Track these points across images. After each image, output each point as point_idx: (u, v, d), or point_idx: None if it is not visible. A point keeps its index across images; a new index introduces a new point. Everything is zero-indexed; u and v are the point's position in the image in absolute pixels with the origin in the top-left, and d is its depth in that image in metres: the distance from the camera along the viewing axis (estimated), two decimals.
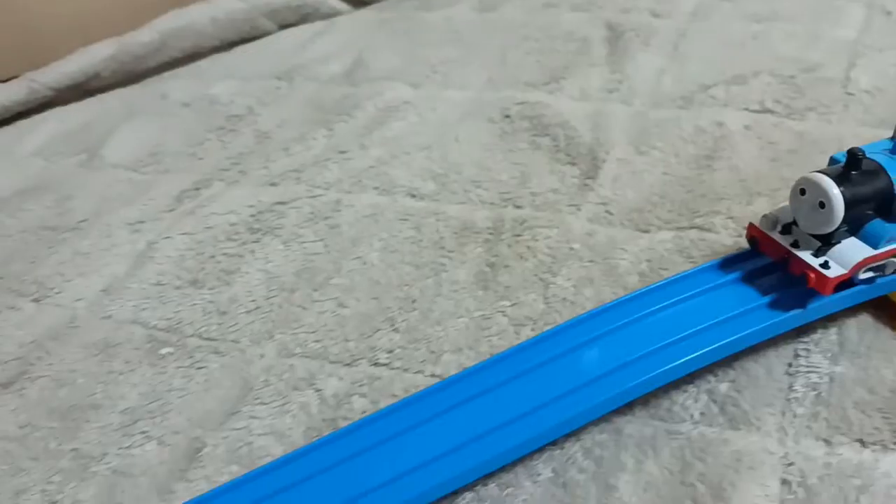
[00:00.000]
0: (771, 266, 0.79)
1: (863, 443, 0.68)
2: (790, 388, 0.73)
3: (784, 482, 0.66)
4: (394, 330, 0.84)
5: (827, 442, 0.69)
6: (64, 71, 1.30)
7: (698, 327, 0.74)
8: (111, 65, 1.33)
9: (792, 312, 0.74)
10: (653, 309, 0.77)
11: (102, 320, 0.91)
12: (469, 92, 1.22)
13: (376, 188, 1.05)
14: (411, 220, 0.99)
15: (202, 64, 1.40)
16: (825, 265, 0.73)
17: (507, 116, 1.14)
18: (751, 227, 0.79)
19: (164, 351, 0.86)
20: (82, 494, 0.73)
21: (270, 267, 0.95)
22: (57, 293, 0.95)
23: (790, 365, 0.75)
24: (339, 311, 0.88)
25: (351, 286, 0.91)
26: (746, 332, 0.73)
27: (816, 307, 0.75)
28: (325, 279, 0.92)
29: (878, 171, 0.75)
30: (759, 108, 1.10)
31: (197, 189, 1.09)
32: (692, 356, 0.72)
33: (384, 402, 0.77)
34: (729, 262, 0.81)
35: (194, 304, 0.91)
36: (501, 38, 1.36)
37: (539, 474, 0.69)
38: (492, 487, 0.69)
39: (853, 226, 0.75)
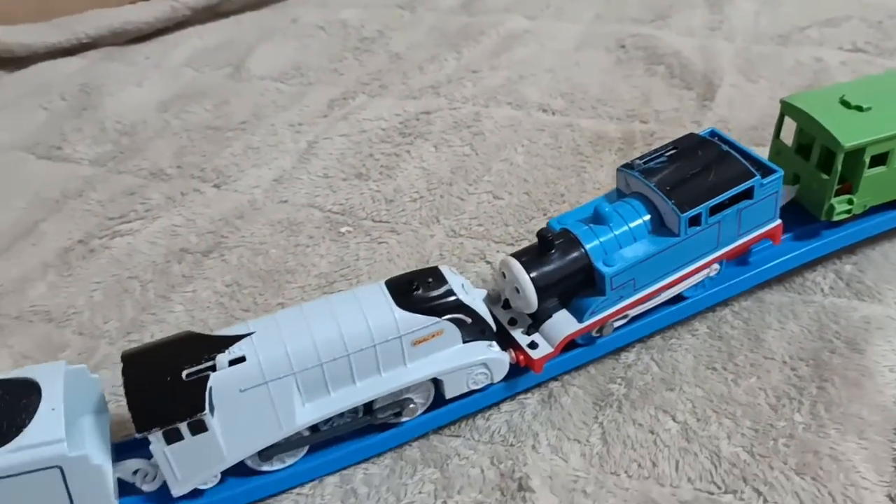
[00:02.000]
0: None
1: None
2: None
3: None
4: (547, 218, 0.96)
5: None
6: None
7: None
8: None
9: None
10: None
11: (280, 204, 1.03)
12: (581, 25, 1.33)
13: (510, 103, 1.16)
14: (547, 130, 1.10)
15: None
16: (532, 345, 0.74)
17: (623, 47, 1.26)
18: None
19: (343, 229, 0.98)
20: None
21: (426, 165, 1.06)
22: (234, 181, 1.07)
23: None
24: (495, 202, 1.00)
25: (502, 182, 1.02)
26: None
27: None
28: (478, 176, 1.04)
29: (575, 245, 0.74)
30: (852, 48, 1.22)
31: (345, 99, 1.20)
32: None
33: None
34: None
35: (363, 193, 1.03)
36: None
37: (697, 330, 0.82)
38: (657, 339, 0.81)
39: (563, 299, 0.75)
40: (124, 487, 0.69)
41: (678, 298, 0.80)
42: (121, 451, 0.70)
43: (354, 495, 0.71)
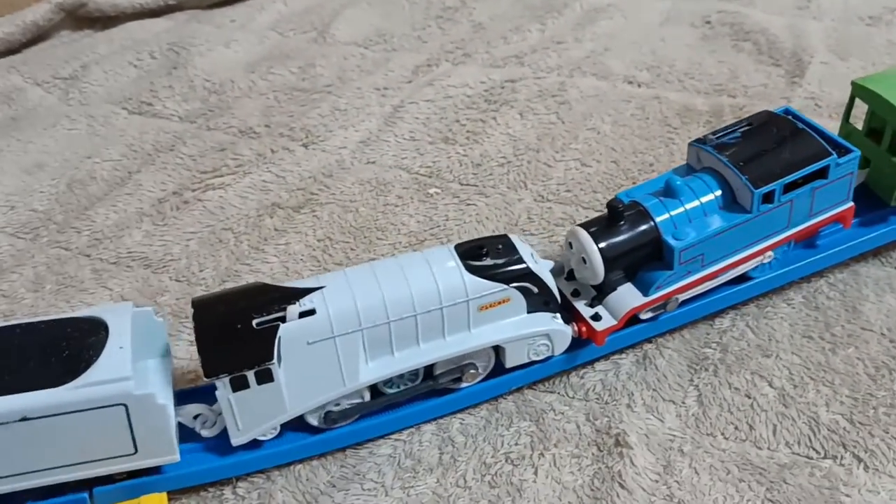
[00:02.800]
0: None
1: None
2: None
3: None
4: None
5: None
6: None
7: None
8: None
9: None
10: None
11: (368, 164, 1.04)
12: (665, 1, 1.32)
13: (595, 74, 1.16)
14: (634, 101, 1.10)
15: None
16: (596, 317, 0.74)
17: (708, 22, 1.25)
18: None
19: (431, 191, 0.99)
20: None
21: (512, 132, 1.07)
22: (322, 141, 1.08)
23: None
24: (583, 169, 1.00)
25: (589, 150, 1.03)
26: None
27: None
28: (565, 144, 1.04)
29: (644, 217, 0.73)
30: None
31: (429, 66, 1.21)
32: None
33: None
34: None
35: (450, 157, 1.04)
36: None
37: (792, 299, 0.82)
38: (751, 307, 0.81)
39: (629, 272, 0.75)
40: (182, 436, 0.69)
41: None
42: (180, 398, 0.70)
43: (452, 443, 0.72)
